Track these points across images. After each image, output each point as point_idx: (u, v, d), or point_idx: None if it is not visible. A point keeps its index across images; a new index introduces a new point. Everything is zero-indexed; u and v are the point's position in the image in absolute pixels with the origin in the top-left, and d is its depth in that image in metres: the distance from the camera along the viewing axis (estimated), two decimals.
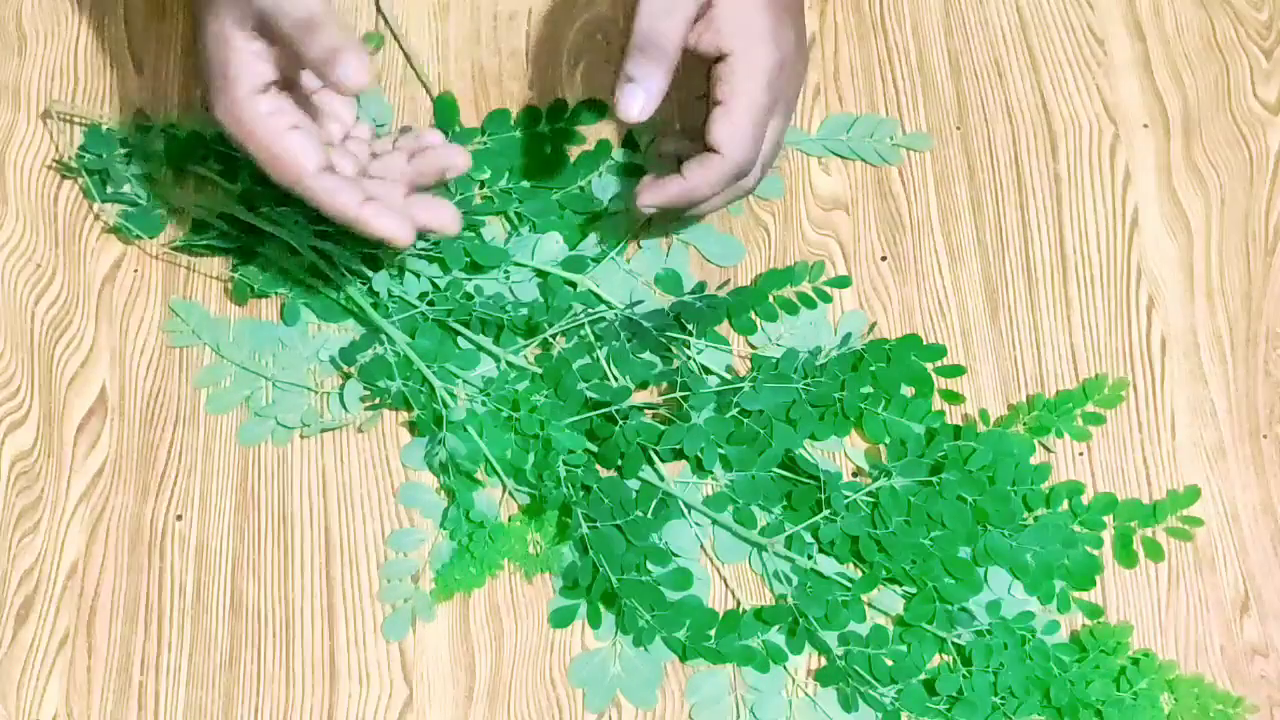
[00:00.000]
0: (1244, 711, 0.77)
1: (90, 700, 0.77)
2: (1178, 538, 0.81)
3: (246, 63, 0.76)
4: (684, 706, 0.78)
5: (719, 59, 0.80)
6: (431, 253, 0.85)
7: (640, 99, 0.77)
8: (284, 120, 0.77)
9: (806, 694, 0.77)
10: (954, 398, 0.84)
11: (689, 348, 0.84)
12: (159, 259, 0.86)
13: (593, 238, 0.87)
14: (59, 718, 0.77)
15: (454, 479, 0.80)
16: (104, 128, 0.89)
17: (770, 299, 0.85)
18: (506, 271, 0.86)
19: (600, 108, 0.90)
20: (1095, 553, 0.80)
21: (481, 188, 0.88)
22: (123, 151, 0.88)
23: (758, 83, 0.80)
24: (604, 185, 0.88)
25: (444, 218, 0.80)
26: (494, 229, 0.87)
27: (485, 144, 0.89)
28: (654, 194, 0.82)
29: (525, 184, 0.88)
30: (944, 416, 0.82)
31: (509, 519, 0.81)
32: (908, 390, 0.83)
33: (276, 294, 0.85)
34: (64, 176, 0.88)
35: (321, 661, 0.78)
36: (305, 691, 0.78)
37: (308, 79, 0.81)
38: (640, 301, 0.85)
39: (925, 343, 0.84)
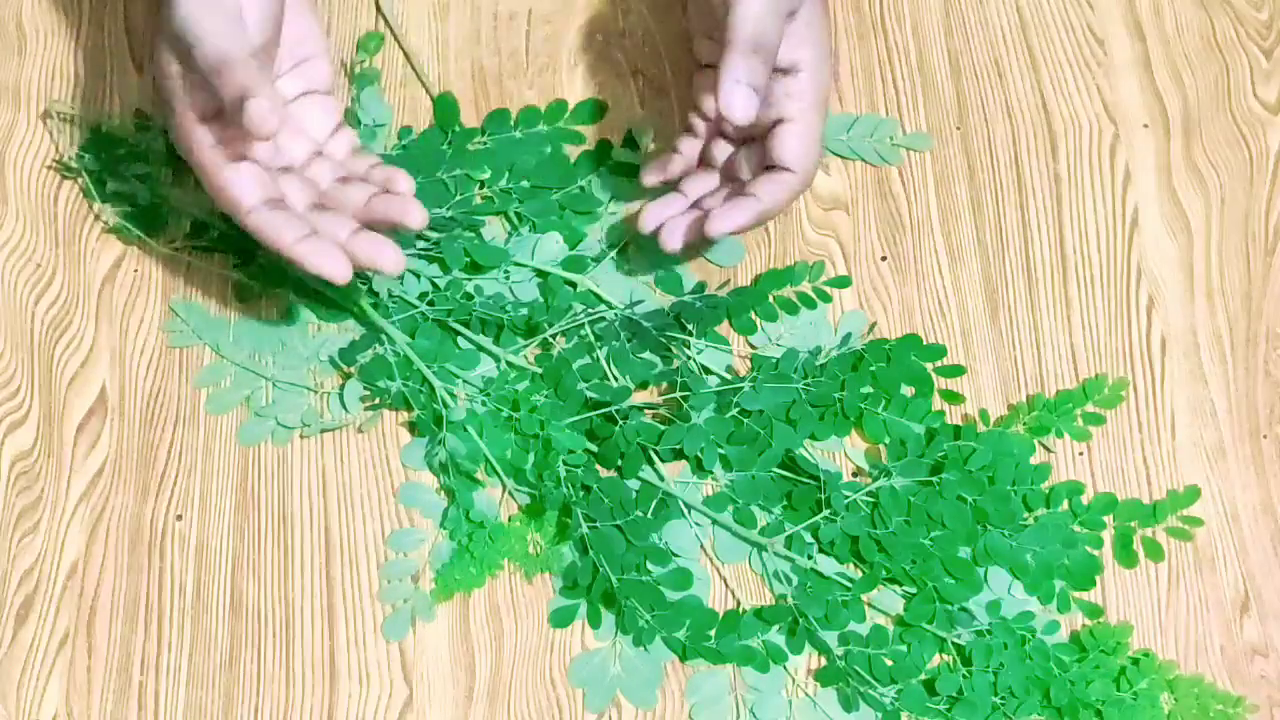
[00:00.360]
0: (1244, 711, 0.77)
1: (90, 700, 0.77)
2: (1178, 538, 0.81)
3: (186, 91, 0.77)
4: (684, 706, 0.78)
5: (787, 71, 0.80)
6: (431, 253, 0.85)
7: (749, 99, 0.77)
8: (226, 152, 0.77)
9: (806, 694, 0.77)
10: (954, 398, 0.84)
11: (689, 348, 0.84)
12: (159, 259, 0.86)
13: (593, 238, 0.87)
14: (59, 718, 0.77)
15: (454, 479, 0.80)
16: (104, 128, 0.89)
17: (770, 299, 0.85)
18: (506, 272, 0.86)
19: (600, 107, 0.90)
20: (1095, 553, 0.80)
21: (481, 188, 0.88)
22: (122, 151, 0.88)
23: (823, 99, 0.81)
24: (604, 185, 0.88)
25: (386, 258, 0.78)
26: (494, 229, 0.87)
27: (485, 144, 0.89)
28: (729, 219, 0.80)
29: (525, 184, 0.88)
30: (944, 416, 0.82)
31: (509, 519, 0.81)
32: (908, 390, 0.83)
33: (277, 294, 0.85)
34: (64, 177, 0.88)
35: (321, 661, 0.78)
36: (305, 691, 0.78)
37: (286, 87, 0.81)
38: (640, 301, 0.85)
39: (925, 343, 0.84)
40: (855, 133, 0.90)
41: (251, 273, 0.85)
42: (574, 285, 0.85)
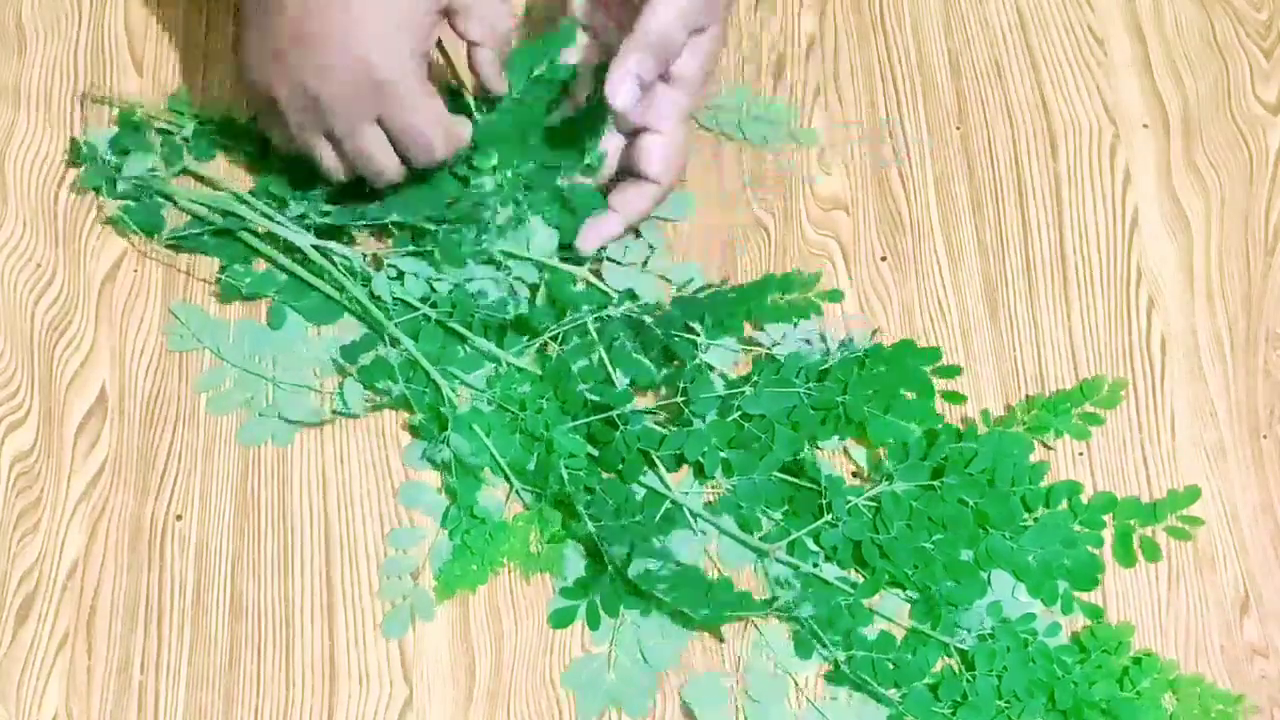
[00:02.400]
0: (1245, 711, 0.77)
1: (90, 700, 0.77)
2: (1178, 537, 0.81)
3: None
4: (684, 709, 0.77)
5: (669, 80, 0.82)
6: (432, 252, 0.85)
7: (633, 92, 0.79)
8: None
9: (810, 700, 0.77)
10: (956, 398, 0.83)
11: (695, 346, 0.83)
12: (157, 259, 0.86)
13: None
14: (59, 718, 0.77)
15: (457, 476, 0.80)
16: (136, 115, 0.88)
17: (768, 304, 0.85)
18: (507, 268, 0.85)
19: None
20: (1096, 552, 0.80)
21: (494, 173, 0.86)
22: (141, 144, 0.87)
23: (690, 113, 0.84)
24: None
25: None
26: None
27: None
28: (596, 236, 0.85)
29: (531, 165, 0.86)
30: (943, 419, 0.82)
31: (513, 518, 0.80)
32: (908, 395, 0.82)
33: (264, 297, 0.85)
34: (71, 164, 0.88)
35: (321, 661, 0.78)
36: (305, 691, 0.78)
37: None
38: (638, 298, 0.84)
39: (924, 343, 0.84)
40: (752, 113, 0.91)
41: (238, 274, 0.85)
42: (573, 280, 0.85)
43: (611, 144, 0.86)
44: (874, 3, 0.95)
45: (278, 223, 0.85)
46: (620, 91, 0.79)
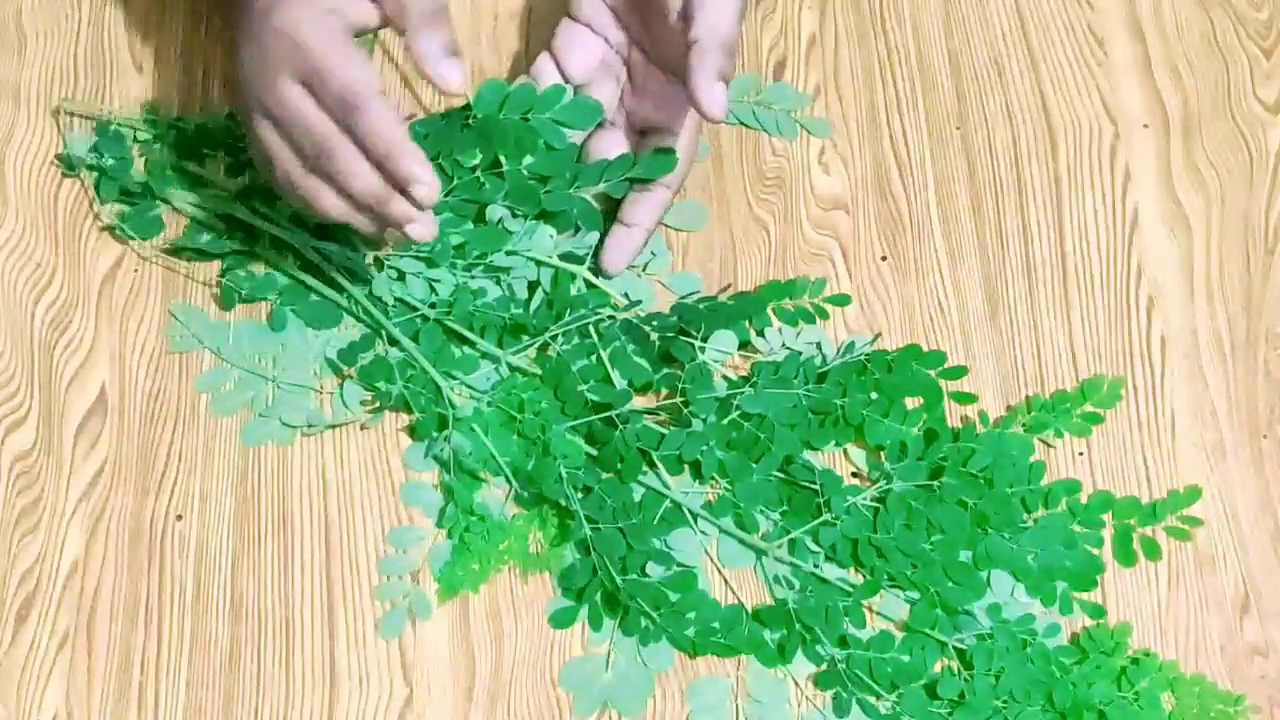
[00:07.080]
0: (1245, 711, 0.77)
1: (90, 700, 0.77)
2: (1177, 537, 0.81)
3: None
4: (683, 710, 0.77)
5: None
6: (425, 252, 0.85)
7: (726, 96, 0.77)
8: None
9: (815, 705, 0.77)
10: (967, 398, 0.83)
11: (694, 349, 0.83)
12: (159, 260, 0.86)
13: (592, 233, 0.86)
14: (59, 718, 0.77)
15: (456, 476, 0.80)
16: (113, 125, 0.88)
17: (769, 311, 0.84)
18: (507, 269, 0.85)
19: (595, 109, 0.88)
20: (1096, 552, 0.80)
21: (474, 171, 0.86)
22: (128, 149, 0.87)
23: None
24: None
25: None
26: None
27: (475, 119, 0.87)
28: (622, 255, 0.85)
29: (524, 172, 0.86)
30: (944, 420, 0.82)
31: (512, 518, 0.80)
32: (914, 401, 0.82)
33: (265, 299, 0.85)
34: (65, 175, 0.88)
35: (321, 661, 0.78)
36: (305, 691, 0.78)
37: None
38: (639, 302, 0.84)
39: (926, 344, 0.84)
40: (763, 98, 0.91)
41: (239, 278, 0.85)
42: (572, 277, 0.85)
43: (609, 145, 0.86)
44: (874, 3, 0.95)
45: (274, 223, 0.85)
46: (715, 97, 0.76)
